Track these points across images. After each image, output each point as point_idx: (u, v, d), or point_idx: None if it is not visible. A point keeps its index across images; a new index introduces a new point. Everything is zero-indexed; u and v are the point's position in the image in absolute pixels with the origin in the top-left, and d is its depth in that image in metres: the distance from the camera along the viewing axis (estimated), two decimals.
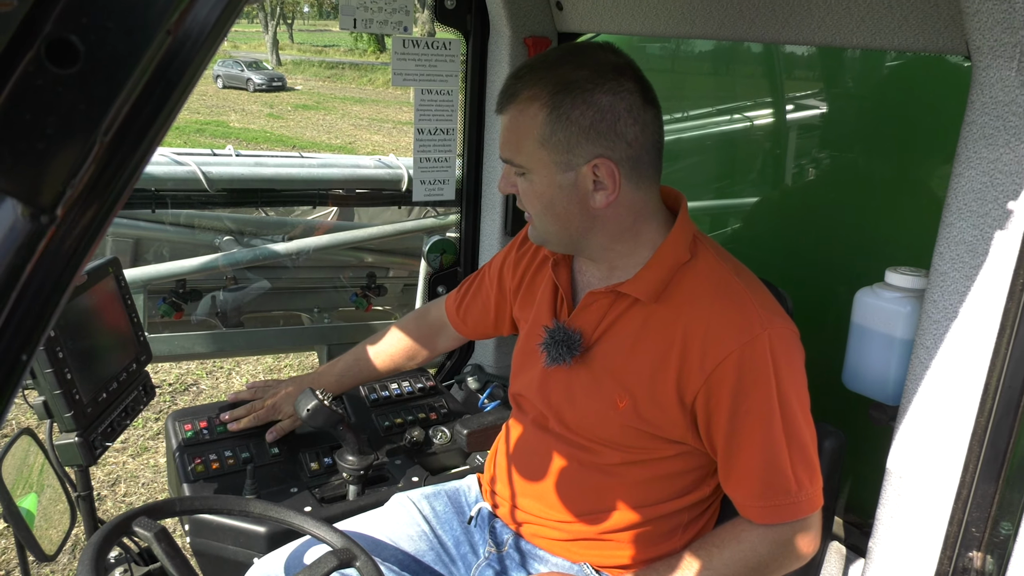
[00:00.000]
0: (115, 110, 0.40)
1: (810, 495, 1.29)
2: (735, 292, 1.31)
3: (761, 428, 1.26)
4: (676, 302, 1.33)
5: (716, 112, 2.72)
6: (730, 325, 1.27)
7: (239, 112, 20.49)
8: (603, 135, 1.26)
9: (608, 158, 1.27)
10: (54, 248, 0.41)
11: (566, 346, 1.40)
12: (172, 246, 3.07)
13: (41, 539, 1.43)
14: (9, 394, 0.43)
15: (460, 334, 1.91)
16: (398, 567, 1.53)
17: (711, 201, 2.73)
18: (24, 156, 0.38)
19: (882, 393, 1.55)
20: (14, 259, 0.39)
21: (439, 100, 2.32)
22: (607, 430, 1.39)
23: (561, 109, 1.25)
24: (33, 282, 0.41)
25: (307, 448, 1.87)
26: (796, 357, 1.31)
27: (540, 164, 1.30)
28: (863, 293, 1.58)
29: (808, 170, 2.40)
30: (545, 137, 1.28)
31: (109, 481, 3.60)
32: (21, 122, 0.37)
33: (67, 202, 0.40)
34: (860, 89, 2.25)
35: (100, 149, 0.40)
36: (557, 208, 1.33)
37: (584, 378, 1.41)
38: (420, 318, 1.97)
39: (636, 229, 1.36)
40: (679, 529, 1.45)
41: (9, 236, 0.39)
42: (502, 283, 1.73)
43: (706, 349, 1.27)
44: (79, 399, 1.44)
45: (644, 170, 1.31)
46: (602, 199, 1.29)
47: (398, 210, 3.42)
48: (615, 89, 1.25)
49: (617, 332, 1.38)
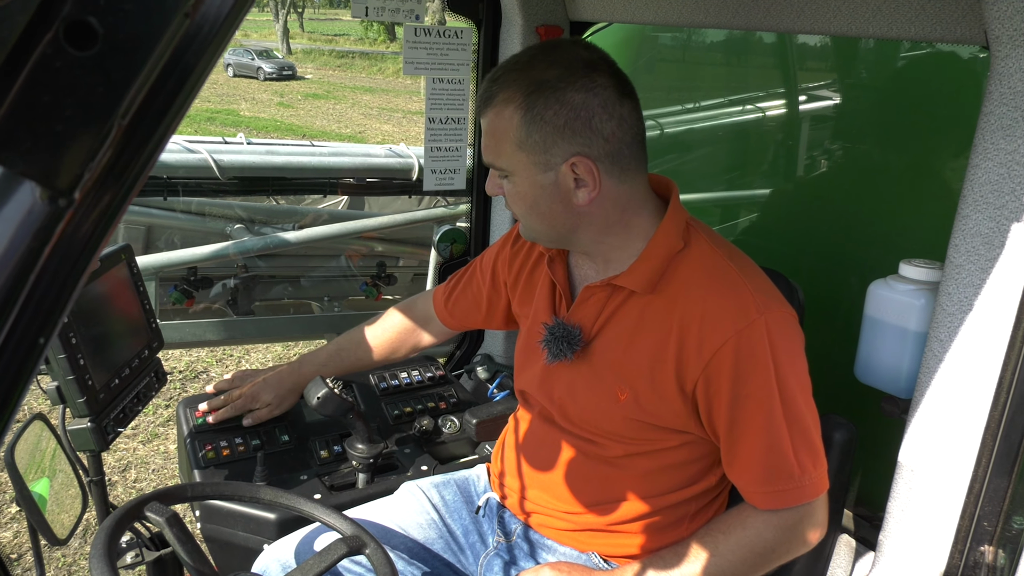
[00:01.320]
0: (133, 93, 0.40)
1: (814, 479, 1.28)
2: (729, 278, 1.30)
3: (761, 413, 1.26)
4: (671, 291, 1.32)
5: (728, 103, 2.71)
6: (725, 311, 1.26)
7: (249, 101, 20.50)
8: (578, 133, 1.25)
9: (585, 155, 1.26)
10: (71, 232, 0.41)
11: (566, 342, 1.40)
12: (183, 234, 3.08)
13: (53, 523, 1.44)
14: (27, 377, 0.44)
15: (446, 327, 1.89)
16: (407, 555, 1.54)
17: (722, 192, 2.72)
18: (43, 138, 0.38)
19: (894, 386, 1.54)
20: (32, 242, 0.39)
21: (450, 89, 2.31)
22: (610, 423, 1.39)
23: (535, 110, 1.25)
24: (51, 266, 0.41)
25: (317, 436, 1.88)
26: (794, 341, 1.30)
27: (520, 166, 1.30)
28: (876, 285, 1.57)
29: (821, 161, 2.39)
30: (522, 139, 1.27)
31: (120, 467, 3.62)
32: (40, 104, 0.37)
33: (85, 185, 0.40)
34: (875, 80, 2.23)
35: (118, 132, 0.40)
36: (541, 208, 1.33)
37: (585, 373, 1.41)
38: (406, 310, 1.95)
39: (625, 221, 1.35)
40: (686, 519, 1.45)
41: (27, 219, 0.39)
42: (495, 277, 1.72)
43: (703, 337, 1.27)
44: (92, 385, 1.45)
45: (626, 163, 1.30)
46: (584, 196, 1.29)
47: (408, 199, 3.42)
48: (587, 86, 1.24)
49: (615, 325, 1.38)
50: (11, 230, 0.38)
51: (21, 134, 0.37)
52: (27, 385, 0.44)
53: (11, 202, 0.38)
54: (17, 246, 0.38)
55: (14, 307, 0.40)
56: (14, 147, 0.37)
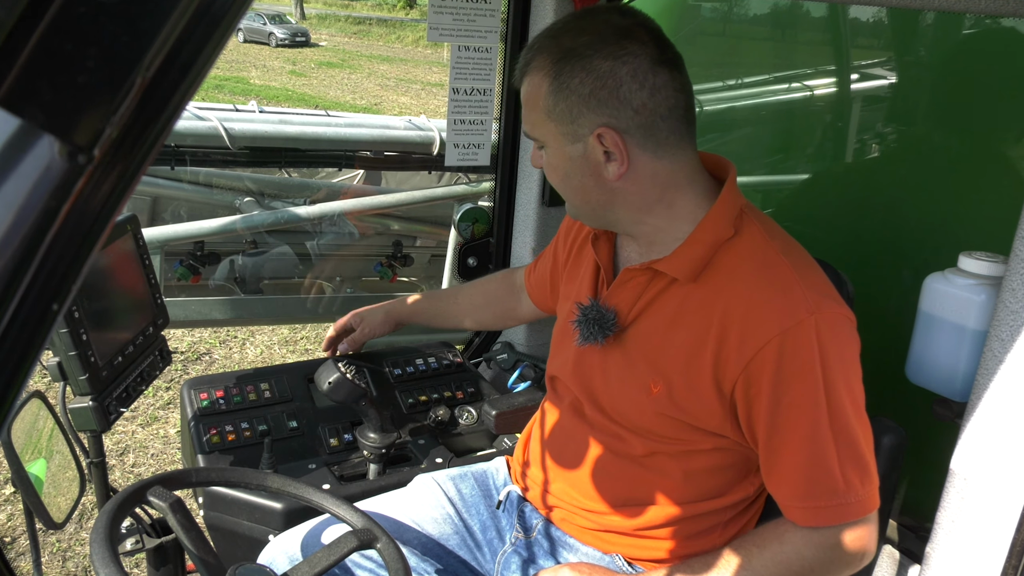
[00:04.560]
0: (159, 44, 0.40)
1: (861, 496, 1.26)
2: (780, 272, 1.28)
3: (804, 423, 1.24)
4: (716, 282, 1.31)
5: (773, 80, 2.68)
6: (771, 308, 1.24)
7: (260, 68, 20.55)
8: (604, 102, 1.25)
9: (612, 127, 1.26)
10: (89, 192, 0.41)
11: (599, 325, 1.39)
12: (190, 206, 3.10)
13: (50, 506, 1.46)
14: (39, 345, 0.44)
15: (533, 302, 1.93)
16: (420, 551, 1.55)
17: (764, 176, 2.69)
18: (64, 89, 0.38)
19: (949, 388, 1.53)
20: (50, 201, 0.39)
21: (476, 58, 2.30)
22: (641, 417, 1.38)
23: (562, 78, 1.26)
24: (67, 227, 0.41)
25: (327, 423, 1.89)
26: (848, 345, 1.27)
27: (551, 136, 1.33)
28: (933, 279, 1.55)
29: (873, 145, 2.36)
30: (550, 108, 1.29)
31: (118, 451, 3.66)
32: (62, 53, 0.37)
33: (105, 142, 0.40)
34: (934, 57, 2.19)
35: (142, 85, 0.40)
36: (573, 181, 1.35)
37: (618, 360, 1.41)
38: (506, 276, 2.05)
39: (668, 201, 1.34)
40: (718, 527, 1.44)
41: (45, 176, 0.38)
42: (556, 257, 1.73)
43: (745, 334, 1.25)
44: (95, 361, 1.46)
45: (663, 137, 1.29)
46: (615, 170, 1.29)
47: (428, 175, 3.42)
48: (616, 53, 1.24)
49: (654, 312, 1.37)
50: (28, 187, 0.38)
51: (42, 85, 0.37)
52: (39, 353, 0.44)
53: (29, 157, 0.38)
54: (34, 205, 0.38)
55: (28, 270, 0.40)
56: (34, 98, 0.37)
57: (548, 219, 2.43)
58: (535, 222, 2.44)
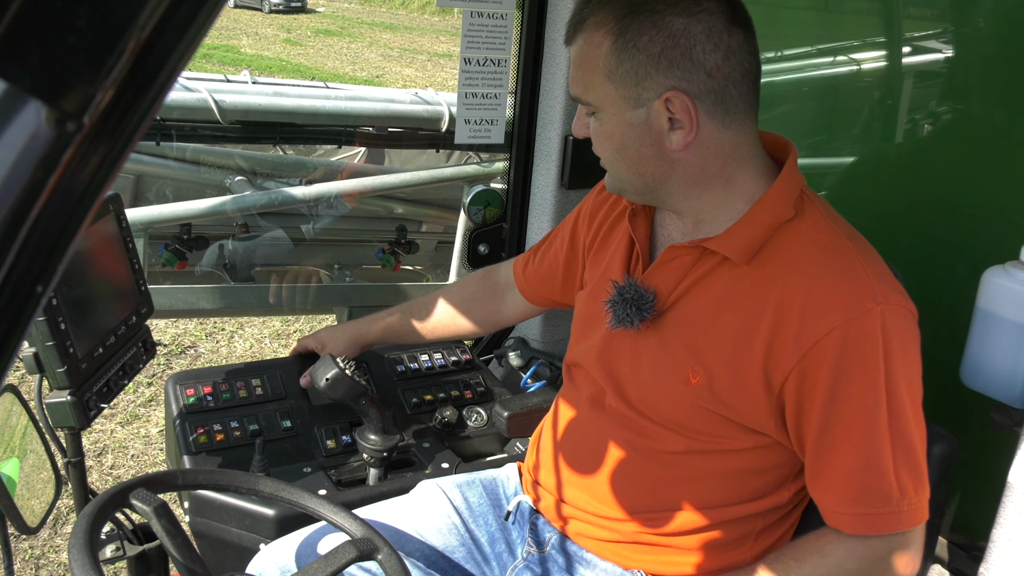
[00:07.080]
0: (154, 2, 0.40)
1: (913, 505, 1.26)
2: (846, 258, 1.27)
3: (862, 421, 1.24)
4: (773, 266, 1.30)
5: (817, 52, 2.67)
6: (836, 296, 1.24)
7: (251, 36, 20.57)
8: (676, 64, 1.24)
9: (682, 91, 1.25)
10: (78, 163, 0.41)
11: (636, 306, 1.38)
12: (176, 185, 3.11)
13: (23, 509, 1.47)
14: (21, 331, 0.44)
15: (526, 299, 1.91)
16: (424, 563, 1.55)
17: (805, 159, 2.67)
18: (52, 51, 0.38)
19: (1007, 393, 1.52)
20: (36, 172, 0.39)
21: (491, 25, 2.29)
22: (674, 409, 1.38)
23: (627, 35, 1.25)
24: (54, 201, 0.41)
25: (323, 423, 1.90)
26: (912, 341, 1.27)
27: (608, 101, 1.30)
28: (993, 273, 1.54)
29: (925, 125, 2.35)
30: (611, 69, 1.27)
31: (95, 451, 3.69)
32: (50, 10, 0.37)
33: (95, 109, 0.40)
34: (993, 28, 2.18)
35: (135, 48, 0.40)
36: (629, 151, 1.32)
37: (653, 346, 1.40)
38: (485, 277, 2.00)
39: (727, 176, 1.33)
40: (750, 537, 1.43)
41: (31, 145, 0.39)
42: (575, 239, 1.71)
43: (804, 323, 1.24)
44: (73, 353, 1.47)
45: (732, 105, 1.29)
46: (679, 140, 1.28)
47: (436, 154, 3.42)
48: (691, 10, 1.23)
49: (698, 295, 1.37)
50: (13, 156, 0.38)
51: (29, 45, 0.37)
52: (21, 340, 0.45)
53: (14, 124, 0.38)
54: (19, 176, 0.38)
55: (12, 247, 0.40)
56: (21, 60, 0.37)
57: (567, 203, 2.42)
58: (553, 206, 2.43)
